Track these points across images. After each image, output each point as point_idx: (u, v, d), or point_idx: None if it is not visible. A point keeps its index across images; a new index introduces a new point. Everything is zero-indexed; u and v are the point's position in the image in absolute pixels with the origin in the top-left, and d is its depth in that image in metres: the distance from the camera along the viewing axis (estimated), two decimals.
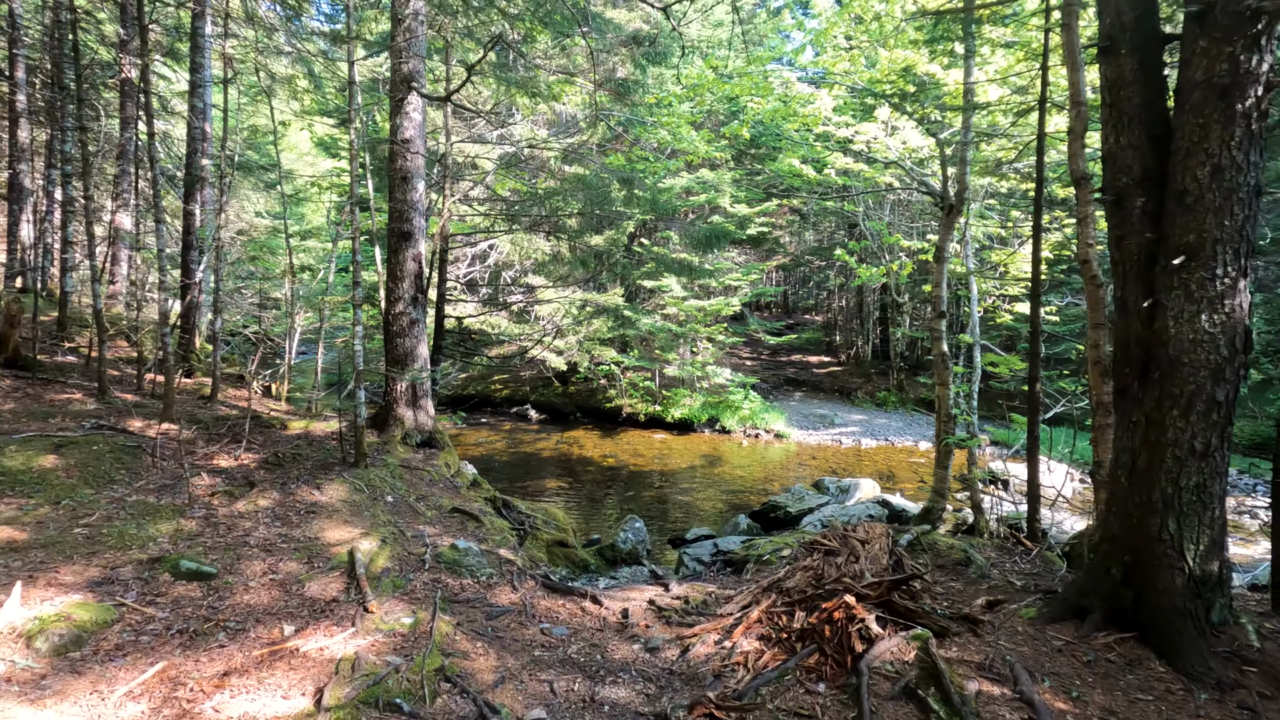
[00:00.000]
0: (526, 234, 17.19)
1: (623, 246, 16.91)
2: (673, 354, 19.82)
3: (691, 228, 10.11)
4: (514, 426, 20.08)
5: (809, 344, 30.38)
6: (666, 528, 11.37)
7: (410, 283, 8.06)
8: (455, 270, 19.89)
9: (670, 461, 16.03)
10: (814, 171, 18.74)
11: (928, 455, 16.83)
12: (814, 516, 10.78)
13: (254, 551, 5.44)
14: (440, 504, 7.01)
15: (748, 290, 19.91)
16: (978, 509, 8.15)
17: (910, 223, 22.01)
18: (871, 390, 22.77)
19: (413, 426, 8.21)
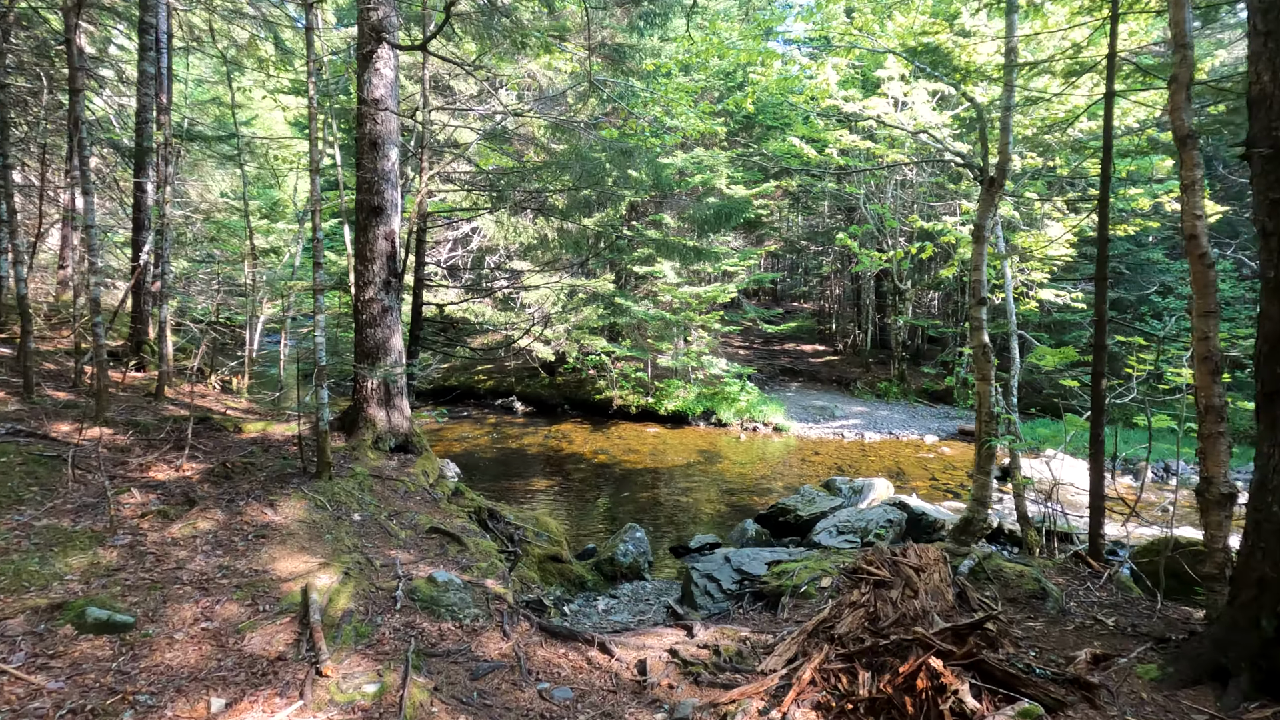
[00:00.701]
0: (512, 215, 16.14)
1: (617, 229, 15.91)
2: (666, 343, 18.88)
3: (693, 206, 9.17)
4: (499, 420, 19.09)
5: (802, 332, 29.53)
6: (667, 534, 10.45)
7: (382, 265, 7.04)
8: (435, 255, 18.81)
9: (665, 458, 15.10)
10: (814, 151, 17.83)
11: (935, 450, 16.02)
12: (828, 522, 9.89)
13: (186, 591, 4.45)
14: (416, 522, 6.03)
15: (744, 276, 18.99)
16: (1024, 520, 7.26)
17: (912, 206, 21.13)
18: (871, 381, 21.93)
19: (386, 429, 7.21)
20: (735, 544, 9.87)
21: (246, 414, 8.48)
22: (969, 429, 17.46)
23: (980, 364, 7.46)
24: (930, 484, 13.32)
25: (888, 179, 19.62)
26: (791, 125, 18.92)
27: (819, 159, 18.31)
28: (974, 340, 7.50)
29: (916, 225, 14.19)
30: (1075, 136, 8.99)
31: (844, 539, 9.50)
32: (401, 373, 7.30)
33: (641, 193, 15.81)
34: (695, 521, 11.06)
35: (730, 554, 8.02)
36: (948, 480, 13.61)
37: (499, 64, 10.58)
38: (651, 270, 17.59)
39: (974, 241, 7.59)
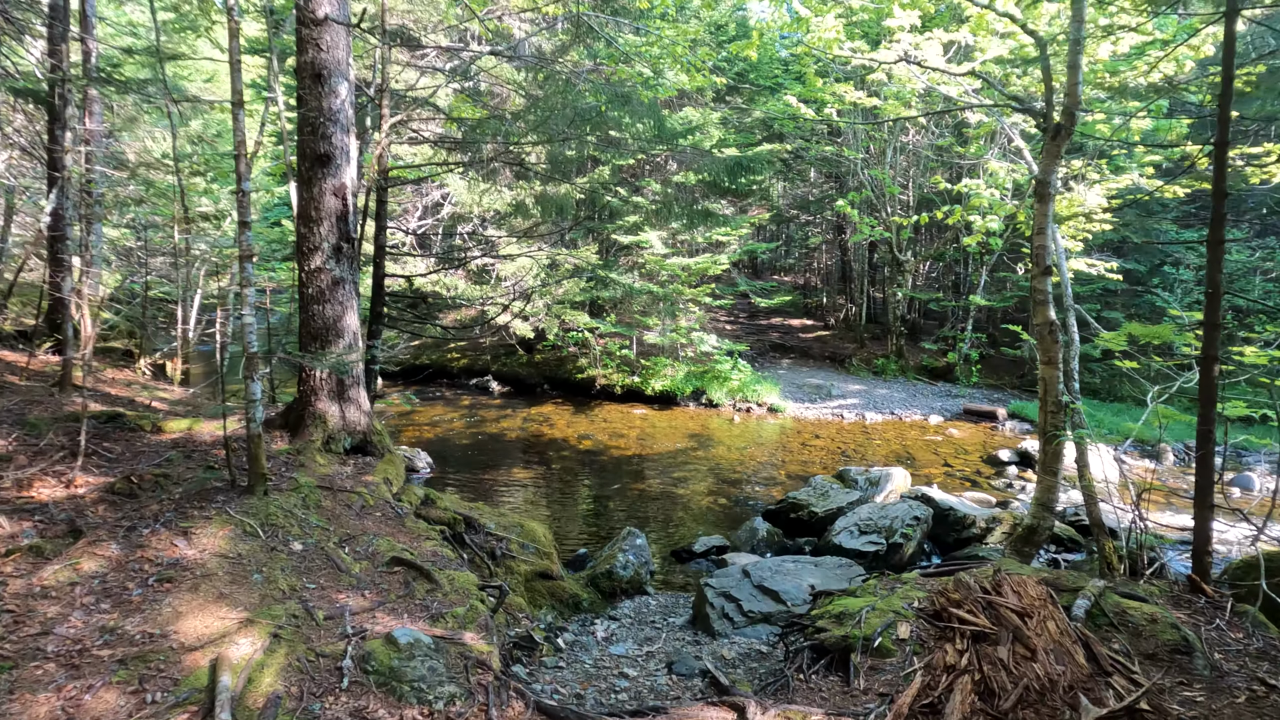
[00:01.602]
0: (487, 180, 14.76)
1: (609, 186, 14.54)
2: (653, 319, 17.66)
3: (699, 161, 7.92)
4: (474, 401, 17.81)
5: (787, 307, 28.45)
6: (664, 533, 9.32)
7: (331, 226, 5.74)
8: (404, 224, 17.38)
9: (654, 442, 13.96)
10: (812, 112, 16.58)
11: (943, 432, 15.03)
12: (847, 520, 8.81)
13: (48, 670, 3.21)
14: (374, 549, 4.80)
15: (736, 247, 17.80)
16: (1099, 527, 6.19)
17: (910, 171, 19.99)
18: (867, 357, 20.90)
19: (339, 427, 5.95)
20: (745, 547, 8.77)
21: (176, 407, 7.15)
22: (974, 409, 16.51)
23: (1045, 344, 6.35)
24: (944, 471, 12.31)
25: (888, 142, 18.44)
26: (784, 86, 17.64)
27: (816, 119, 17.07)
28: (1037, 317, 6.38)
29: (941, 187, 13.03)
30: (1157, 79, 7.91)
31: (867, 540, 8.43)
32: (358, 358, 6.03)
33: (640, 149, 14.46)
34: (694, 518, 9.94)
35: (749, 566, 6.89)
36: (961, 466, 12.61)
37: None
38: (638, 240, 16.32)
39: (1037, 200, 6.44)
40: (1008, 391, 18.56)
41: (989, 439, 14.60)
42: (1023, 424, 15.57)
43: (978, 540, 9.06)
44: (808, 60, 18.06)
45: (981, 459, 13.10)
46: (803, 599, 6.40)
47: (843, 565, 7.05)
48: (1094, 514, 6.13)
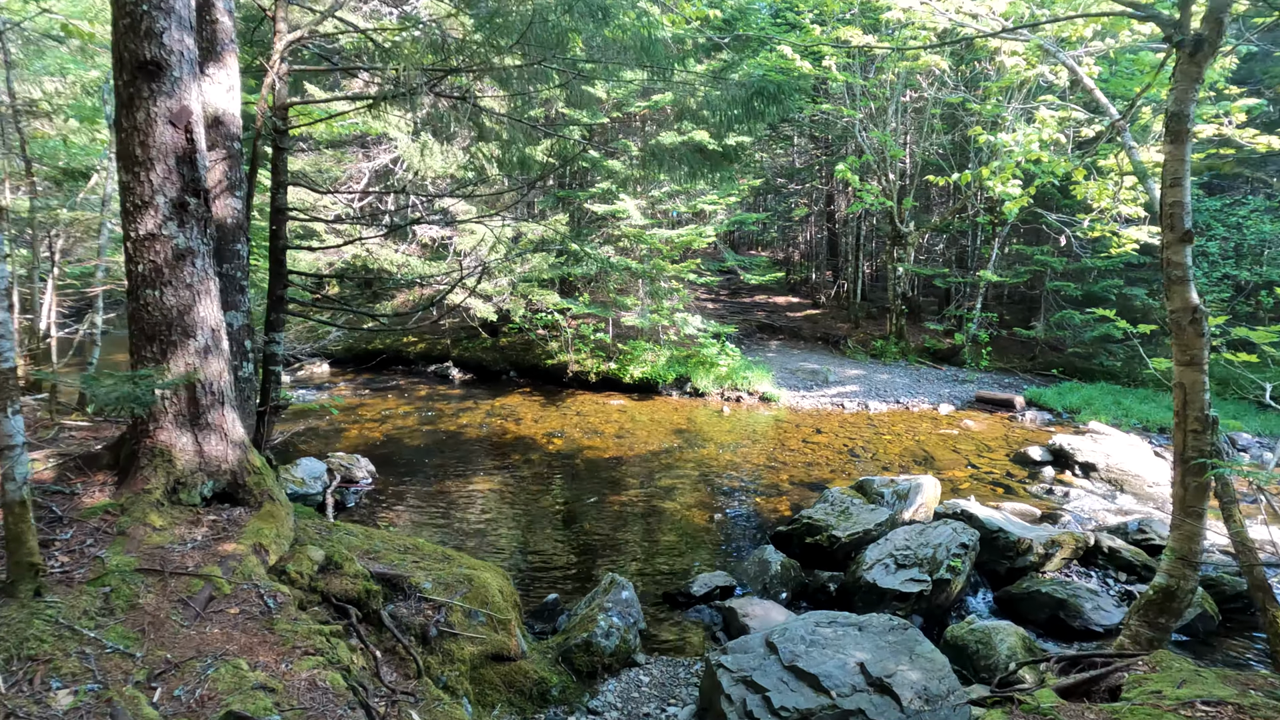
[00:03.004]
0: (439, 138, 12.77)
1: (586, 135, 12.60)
2: (631, 298, 15.81)
3: (717, 86, 6.22)
4: (431, 391, 15.92)
5: (774, 284, 26.74)
6: (653, 565, 7.57)
7: (168, 172, 3.84)
8: (350, 190, 15.31)
9: (635, 440, 12.19)
10: (810, 65, 14.76)
11: (957, 424, 13.41)
12: (880, 550, 7.12)
13: None
14: (206, 690, 2.96)
15: (723, 217, 15.98)
16: (1263, 590, 4.49)
17: (908, 137, 18.23)
18: (863, 339, 19.25)
19: (192, 466, 4.08)
20: (756, 585, 7.04)
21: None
22: (988, 396, 14.92)
23: (1186, 339, 4.62)
24: (970, 474, 10.69)
25: (889, 100, 16.64)
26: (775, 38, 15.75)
27: (815, 74, 15.24)
28: (1174, 299, 4.64)
29: (981, 139, 11.26)
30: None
31: (907, 576, 6.74)
32: (223, 368, 4.15)
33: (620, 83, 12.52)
34: (688, 541, 8.20)
35: (774, 635, 5.15)
36: (988, 467, 11.00)
37: None
38: (613, 210, 14.42)
39: (1169, 141, 4.69)
40: (1019, 376, 17.01)
41: (1010, 432, 13.01)
42: (1042, 413, 14.01)
43: (1034, 569, 7.43)
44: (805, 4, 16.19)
45: (1009, 457, 11.50)
46: (850, 685, 4.70)
47: (895, 628, 5.34)
48: (1254, 575, 4.42)
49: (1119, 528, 8.53)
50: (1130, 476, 10.29)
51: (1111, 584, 7.44)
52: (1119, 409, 13.87)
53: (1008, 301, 19.86)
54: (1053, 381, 16.54)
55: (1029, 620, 6.78)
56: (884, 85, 16.24)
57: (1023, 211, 15.83)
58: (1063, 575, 7.48)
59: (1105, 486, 10.27)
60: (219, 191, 5.25)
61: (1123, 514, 9.25)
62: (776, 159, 27.04)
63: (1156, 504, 9.67)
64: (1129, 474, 10.32)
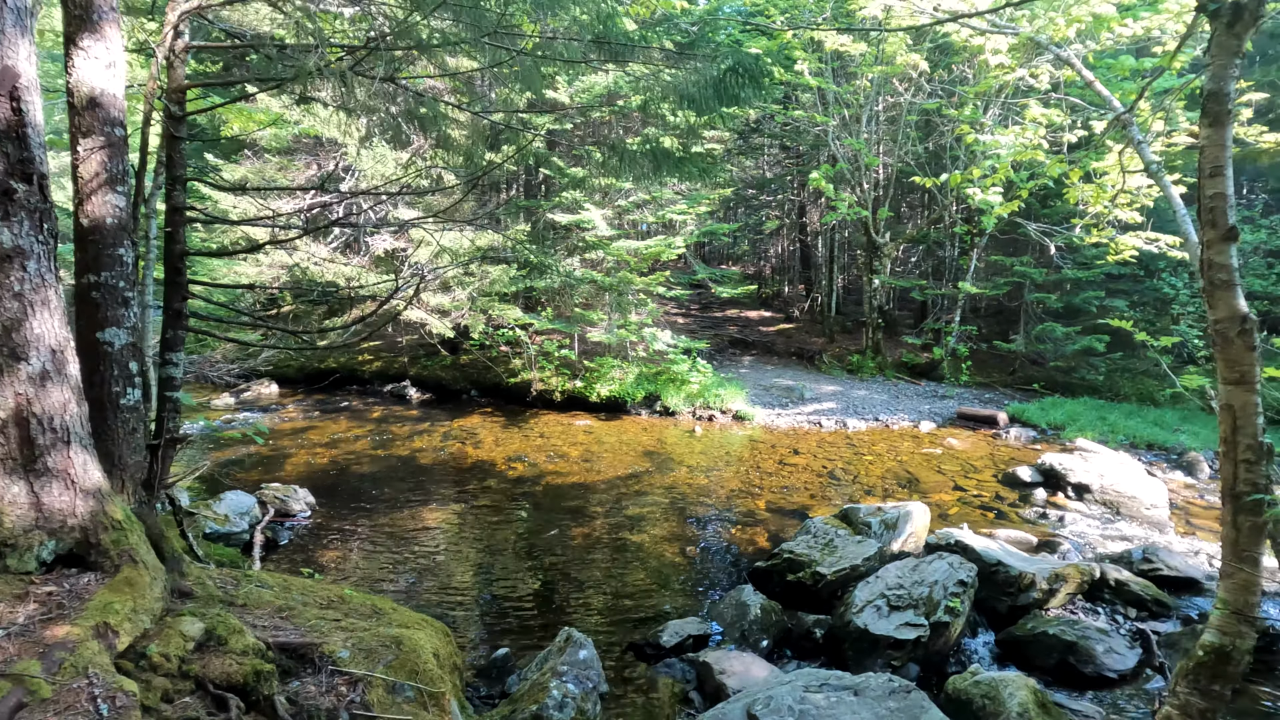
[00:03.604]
0: (393, 143, 12.02)
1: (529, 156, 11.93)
2: (597, 312, 15.05)
3: (680, 74, 5.57)
4: (386, 412, 15.01)
5: (745, 298, 26.16)
6: (618, 608, 6.78)
7: None
8: (295, 203, 14.43)
9: (601, 464, 11.40)
10: (781, 69, 14.20)
11: (939, 443, 12.79)
12: (870, 589, 6.39)
13: None
14: None
15: (693, 228, 15.31)
16: None
17: (882, 146, 17.71)
18: (839, 353, 18.64)
19: (27, 523, 3.22)
20: (733, 634, 6.25)
21: None
22: (970, 413, 14.34)
23: (1235, 353, 3.95)
24: (958, 497, 10.04)
25: (864, 107, 16.13)
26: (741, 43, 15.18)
27: (787, 81, 14.68)
28: (1218, 308, 3.97)
29: (969, 138, 10.64)
30: None
31: (901, 620, 6.02)
32: (70, 399, 3.32)
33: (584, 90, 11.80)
34: (656, 578, 7.42)
35: (758, 709, 4.38)
36: (976, 490, 10.36)
37: None
38: (578, 220, 13.69)
39: (1207, 124, 4.04)
40: (1000, 391, 16.48)
41: (995, 450, 12.42)
42: (1026, 430, 13.45)
43: (1037, 606, 6.74)
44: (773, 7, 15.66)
45: (996, 478, 10.88)
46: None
47: (896, 691, 4.60)
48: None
49: (1122, 556, 7.90)
50: (1126, 498, 9.70)
51: (1121, 621, 6.78)
52: (1104, 425, 13.35)
53: (985, 314, 19.42)
54: (1034, 396, 16.04)
55: (1035, 666, 6.09)
56: (858, 91, 15.73)
57: (1001, 221, 15.37)
58: (1068, 612, 6.81)
59: (1101, 509, 9.67)
60: (96, 186, 4.41)
61: (1123, 540, 8.64)
62: (747, 171, 26.52)
63: (1156, 528, 9.08)
64: (1125, 495, 9.73)
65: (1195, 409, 14.61)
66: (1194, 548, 8.42)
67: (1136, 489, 9.79)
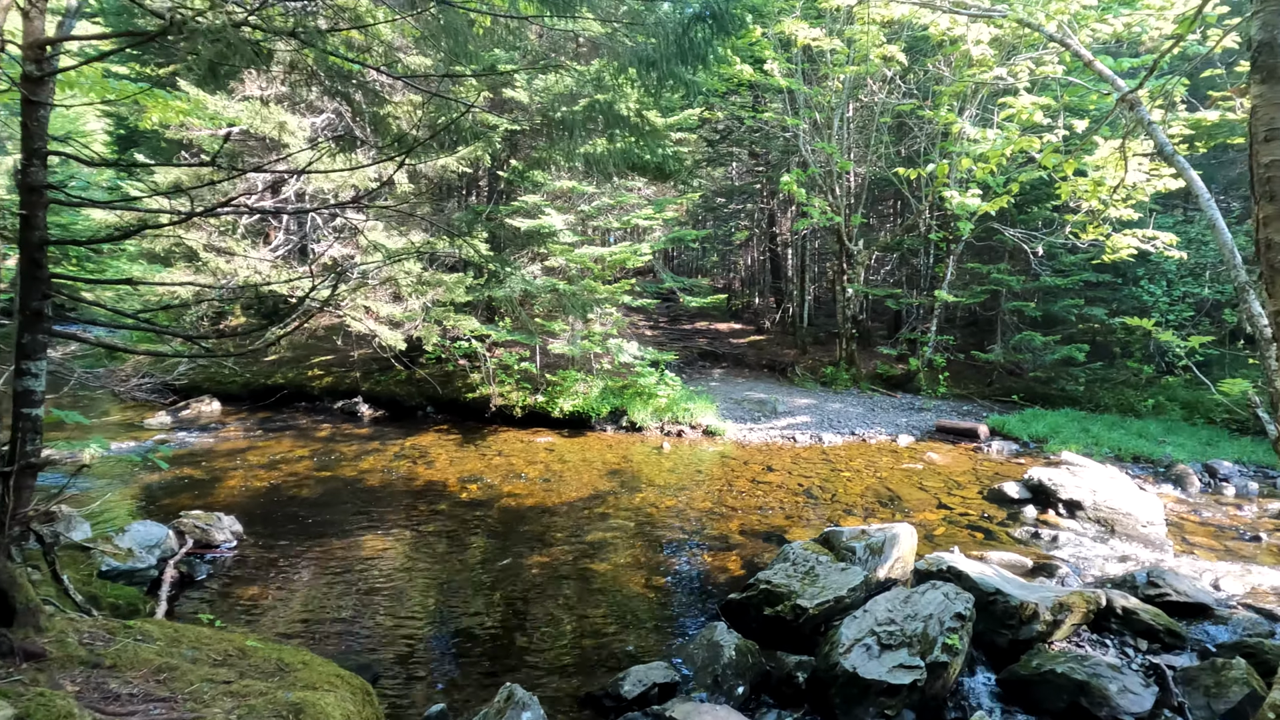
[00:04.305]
0: (340, 145, 11.26)
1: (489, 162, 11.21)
2: (559, 323, 14.29)
3: (639, 35, 4.96)
4: (335, 430, 14.08)
5: (714, 310, 25.58)
6: (576, 651, 5.99)
7: None
8: (239, 204, 13.51)
9: (563, 485, 10.61)
10: (750, 69, 13.63)
11: (920, 458, 12.18)
12: (858, 625, 5.67)
13: None
14: None
15: (660, 234, 14.64)
16: None
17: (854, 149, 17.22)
18: (812, 365, 18.03)
19: None
20: (705, 680, 5.49)
21: None
22: (949, 426, 13.78)
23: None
24: (943, 516, 9.40)
25: (835, 110, 15.61)
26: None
27: (757, 79, 14.11)
28: (1279, 296, 3.34)
29: (955, 128, 10.01)
30: None
31: (895, 661, 5.30)
32: None
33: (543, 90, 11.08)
34: (618, 615, 6.64)
35: None
36: (962, 508, 9.74)
37: None
38: (538, 225, 12.95)
39: (1259, 81, 3.41)
40: (978, 403, 15.97)
41: (978, 465, 11.84)
42: (1008, 443, 12.91)
43: (1041, 639, 6.07)
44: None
45: (982, 495, 10.28)
46: None
47: None
48: None
49: (1125, 580, 7.29)
50: (1121, 515, 9.13)
51: (1132, 655, 6.14)
52: (1088, 437, 12.85)
53: (961, 324, 18.98)
54: (1013, 408, 15.55)
55: (1044, 709, 5.42)
56: (829, 93, 15.21)
57: (978, 227, 14.90)
58: (1074, 646, 6.15)
59: (1095, 528, 9.08)
60: None
61: (1121, 561, 8.05)
62: (717, 182, 25.99)
63: (1154, 547, 8.50)
64: (1119, 512, 9.16)
65: (1178, 419, 14.20)
66: (1197, 569, 7.86)
67: (1131, 505, 9.23)
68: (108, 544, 6.58)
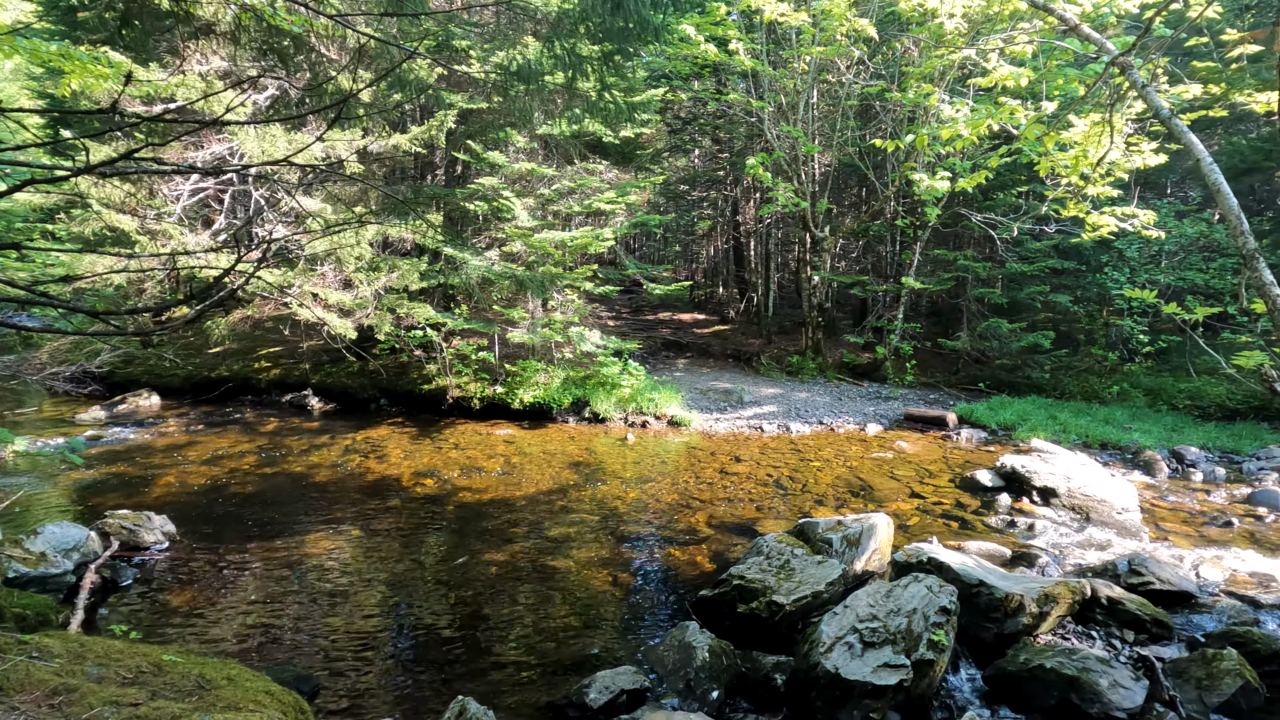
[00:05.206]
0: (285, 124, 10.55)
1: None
2: (518, 310, 13.77)
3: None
4: (282, 424, 13.41)
5: (677, 300, 25.22)
6: (536, 655, 5.54)
7: None
8: (173, 187, 12.77)
9: (523, 478, 10.14)
10: (715, 48, 13.23)
11: (889, 445, 11.94)
12: (839, 623, 5.31)
13: None
14: None
15: (623, 219, 14.20)
16: None
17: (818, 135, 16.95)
18: (778, 355, 17.74)
19: None
20: (677, 685, 5.09)
21: None
22: (917, 414, 13.59)
23: None
24: (916, 505, 9.13)
25: (799, 94, 15.31)
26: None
27: (721, 59, 13.72)
28: None
29: (933, 100, 9.72)
30: None
31: (879, 660, 4.95)
32: None
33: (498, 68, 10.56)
34: (583, 615, 6.21)
35: None
36: (935, 497, 9.48)
37: None
38: (497, 207, 12.42)
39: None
40: (945, 391, 15.82)
41: (948, 453, 11.62)
42: (977, 431, 12.74)
43: (1027, 632, 5.79)
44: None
45: (954, 483, 10.04)
46: None
47: None
48: None
49: (1107, 568, 7.06)
50: (1096, 502, 8.93)
51: (1119, 646, 5.89)
52: (1055, 424, 12.73)
53: (926, 312, 18.86)
54: (980, 396, 15.43)
55: (1033, 707, 5.12)
56: (795, 75, 14.88)
57: (945, 214, 14.71)
58: (1060, 639, 5.88)
59: (1070, 515, 8.88)
60: None
61: (1100, 549, 7.83)
62: (680, 171, 25.59)
63: (1131, 534, 8.32)
64: (1094, 499, 8.97)
65: (1142, 406, 14.19)
66: (1176, 555, 7.67)
67: (1105, 492, 9.04)
68: (16, 548, 5.96)
